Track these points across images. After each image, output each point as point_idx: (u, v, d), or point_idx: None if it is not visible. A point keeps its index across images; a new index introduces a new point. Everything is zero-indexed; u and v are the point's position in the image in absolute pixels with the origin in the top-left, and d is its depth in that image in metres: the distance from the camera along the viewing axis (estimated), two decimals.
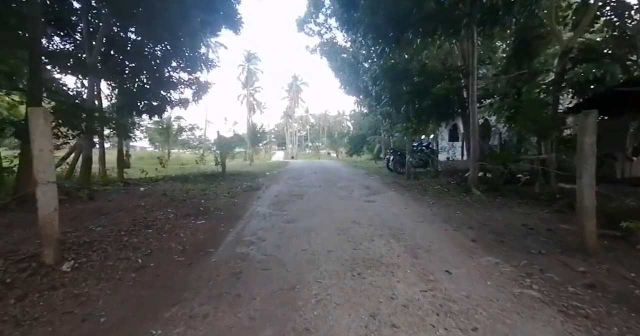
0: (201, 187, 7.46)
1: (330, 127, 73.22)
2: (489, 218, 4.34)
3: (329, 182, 8.89)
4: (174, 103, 10.50)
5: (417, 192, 6.73)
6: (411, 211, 5.03)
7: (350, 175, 10.84)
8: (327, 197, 6.44)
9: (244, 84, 42.91)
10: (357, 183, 8.67)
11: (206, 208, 5.21)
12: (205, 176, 9.57)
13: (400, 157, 10.28)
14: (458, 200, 5.62)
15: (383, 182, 8.77)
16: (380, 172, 11.54)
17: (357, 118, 40.28)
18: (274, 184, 8.63)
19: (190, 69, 10.59)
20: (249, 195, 6.77)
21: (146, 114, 9.77)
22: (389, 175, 10.47)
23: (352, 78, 21.44)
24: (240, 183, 8.56)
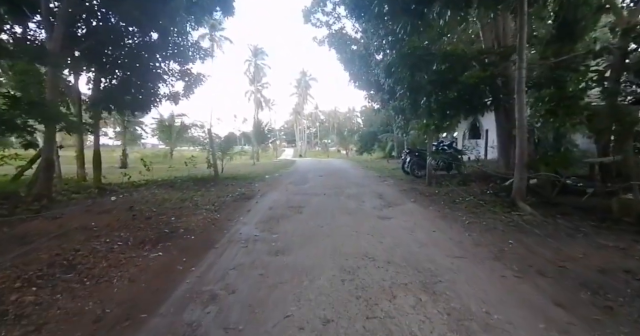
0: (183, 196, 6.31)
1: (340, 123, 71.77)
2: (564, 256, 3.00)
3: (335, 189, 7.63)
4: (162, 97, 9.39)
5: (444, 205, 5.40)
6: (442, 237, 3.73)
7: (361, 179, 9.55)
8: (331, 211, 5.19)
9: (251, 80, 41.84)
10: (369, 189, 7.38)
11: (174, 229, 4.03)
12: (195, 180, 8.44)
13: (418, 158, 8.92)
14: (503, 219, 4.28)
15: (399, 188, 7.45)
16: (394, 175, 10.20)
17: (368, 115, 38.77)
18: (272, 191, 7.42)
19: (181, 59, 9.44)
20: (237, 208, 5.58)
21: (129, 110, 8.67)
22: (405, 179, 9.12)
23: (363, 71, 20.00)
24: (232, 190, 7.39)
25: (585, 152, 9.17)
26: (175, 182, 8.17)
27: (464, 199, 5.58)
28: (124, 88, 8.16)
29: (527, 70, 6.38)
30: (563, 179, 4.62)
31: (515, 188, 4.75)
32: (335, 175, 10.62)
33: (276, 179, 9.72)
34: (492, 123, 14.92)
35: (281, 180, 9.37)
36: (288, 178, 9.84)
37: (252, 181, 8.99)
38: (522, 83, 4.64)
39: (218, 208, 5.47)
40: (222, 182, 8.52)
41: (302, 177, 10.17)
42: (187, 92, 9.92)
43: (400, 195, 6.62)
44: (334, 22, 20.54)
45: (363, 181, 9.03)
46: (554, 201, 4.72)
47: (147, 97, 8.88)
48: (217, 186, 7.94)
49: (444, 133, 13.05)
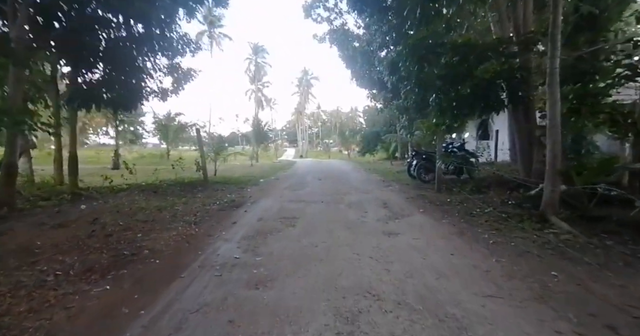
0: (163, 204, 5.62)
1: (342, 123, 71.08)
2: (635, 297, 2.27)
3: (335, 195, 6.92)
4: (149, 94, 8.71)
5: (459, 217, 4.67)
6: (464, 262, 3.00)
7: (363, 184, 8.82)
8: (329, 224, 4.47)
9: (252, 79, 41.22)
10: (372, 196, 6.65)
11: (136, 251, 3.33)
12: (183, 184, 7.75)
13: (426, 161, 8.18)
14: (536, 239, 3.54)
15: (406, 195, 6.72)
16: (399, 179, 9.46)
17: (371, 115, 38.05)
18: (265, 198, 6.72)
19: (169, 53, 8.75)
20: (221, 219, 4.88)
21: (111, 107, 7.99)
22: (412, 184, 8.38)
23: (365, 68, 19.26)
24: (221, 196, 6.69)
25: (604, 154, 8.41)
26: (160, 186, 7.48)
27: (482, 211, 4.84)
28: (104, 84, 7.48)
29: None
30: (602, 188, 3.88)
31: (546, 199, 4.01)
32: (336, 179, 9.90)
33: (272, 183, 9.02)
34: (503, 123, 14.16)
35: (277, 185, 8.67)
36: (285, 182, 9.13)
37: (245, 185, 8.28)
38: (556, 74, 3.90)
39: (199, 219, 4.77)
40: (212, 186, 7.83)
41: (300, 181, 9.46)
42: (176, 89, 9.23)
43: (407, 203, 5.88)
44: (335, 18, 19.80)
45: (365, 186, 8.30)
46: (592, 215, 3.98)
47: (132, 94, 8.18)
48: (206, 191, 7.24)
49: (453, 134, 12.31)
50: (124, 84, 7.98)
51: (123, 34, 7.54)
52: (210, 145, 10.97)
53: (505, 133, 13.30)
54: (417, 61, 6.40)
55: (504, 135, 13.60)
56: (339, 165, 18.04)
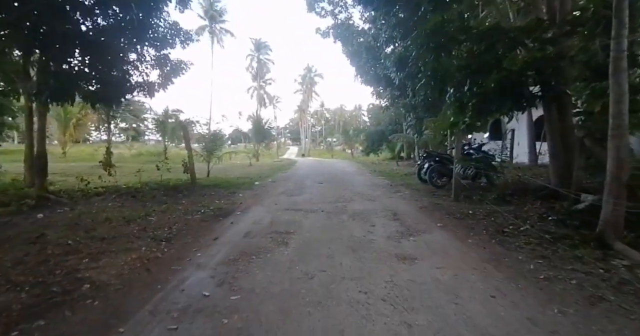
0: (136, 213, 4.81)
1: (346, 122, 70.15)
2: None
3: (337, 203, 6.08)
4: (133, 87, 7.91)
5: (489, 237, 3.80)
6: (514, 315, 2.14)
7: (368, 188, 7.96)
8: (330, 243, 3.64)
9: (254, 76, 40.38)
10: (379, 205, 5.80)
11: (72, 286, 2.52)
12: (168, 188, 6.94)
13: (439, 164, 7.30)
14: (602, 274, 2.67)
15: (419, 203, 5.86)
16: (408, 183, 8.59)
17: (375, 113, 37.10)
18: (257, 205, 5.91)
19: (157, 43, 7.95)
20: (200, 234, 4.07)
21: (89, 102, 7.20)
22: (423, 189, 7.51)
23: (370, 64, 18.34)
24: (208, 203, 5.89)
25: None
26: (141, 190, 6.68)
27: (516, 228, 3.97)
28: (80, 75, 6.69)
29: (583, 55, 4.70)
30: None
31: (607, 218, 3.14)
32: (339, 182, 9.05)
33: (268, 187, 8.19)
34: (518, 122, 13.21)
35: (273, 189, 7.84)
36: (282, 186, 8.30)
37: (237, 189, 7.46)
38: (623, 60, 3.02)
39: (174, 234, 3.96)
40: (201, 190, 7.02)
41: (299, 184, 8.62)
42: (164, 82, 8.42)
43: (422, 215, 5.03)
44: (340, 11, 18.93)
45: (371, 191, 7.44)
46: None
47: (113, 87, 7.38)
48: (192, 196, 6.43)
49: (470, 134, 11.39)
50: (105, 76, 7.18)
51: (100, 19, 6.75)
52: (206, 143, 10.16)
53: (522, 133, 12.38)
54: (433, 50, 5.52)
55: (521, 135, 12.67)
56: (342, 165, 17.18)
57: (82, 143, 34.18)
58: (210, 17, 29.03)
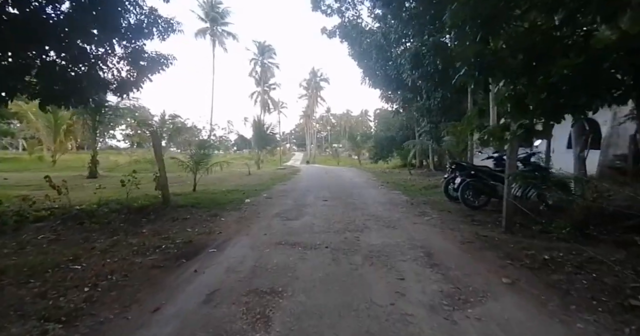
0: (60, 257, 3.39)
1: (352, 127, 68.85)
2: None
3: (347, 231, 4.60)
4: (102, 85, 6.60)
5: (613, 317, 2.27)
6: None
7: (385, 208, 6.43)
8: (337, 324, 2.15)
9: (258, 81, 39.32)
10: (405, 236, 4.29)
11: None
12: (132, 210, 5.51)
13: (476, 179, 5.76)
14: None
15: (458, 235, 4.31)
16: (432, 200, 7.05)
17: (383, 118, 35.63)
18: (240, 235, 4.45)
19: (129, 34, 6.66)
20: (140, 295, 2.62)
21: (44, 102, 5.88)
22: (454, 210, 5.95)
23: (380, 65, 16.94)
24: (176, 232, 4.46)
25: None
26: (98, 212, 5.27)
27: (624, 291, 2.44)
28: (24, 70, 5.39)
29: None
30: None
31: None
32: (347, 198, 7.54)
33: (260, 205, 6.72)
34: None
35: (267, 208, 6.37)
36: (278, 204, 6.82)
37: (221, 209, 6.02)
38: None
39: (92, 301, 2.51)
40: (173, 212, 5.58)
41: (299, 201, 7.14)
42: (138, 79, 7.10)
43: (470, 257, 3.50)
44: (347, 8, 17.67)
45: (389, 212, 5.92)
46: None
47: (73, 85, 6.08)
48: (159, 221, 5.01)
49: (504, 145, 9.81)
50: (60, 71, 5.88)
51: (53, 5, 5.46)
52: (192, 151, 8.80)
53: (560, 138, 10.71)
54: (479, 28, 4.05)
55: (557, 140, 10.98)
56: (350, 175, 15.65)
57: (79, 150, 33.30)
58: (212, 19, 28.08)
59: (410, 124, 19.13)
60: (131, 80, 6.98)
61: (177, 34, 7.40)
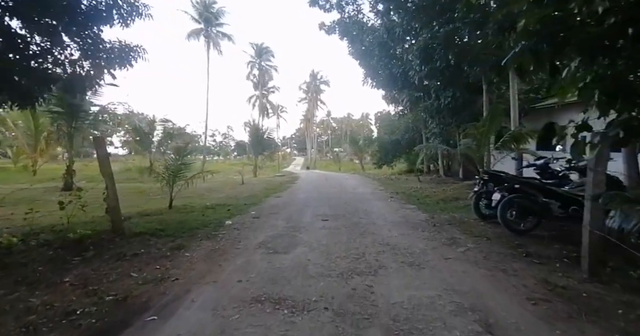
0: None
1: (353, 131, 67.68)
2: None
3: (354, 274, 3.26)
4: (45, 82, 5.31)
5: None
6: None
7: (402, 233, 5.06)
8: None
9: (256, 84, 38.16)
10: (438, 286, 2.93)
11: None
12: (68, 242, 4.16)
13: (521, 195, 4.41)
14: None
15: (519, 285, 2.93)
16: (460, 219, 5.69)
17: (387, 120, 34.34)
18: (204, 285, 3.12)
19: (82, 18, 5.40)
20: None
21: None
22: (495, 235, 4.58)
23: (383, 63, 15.63)
24: (110, 282, 3.13)
25: None
26: (19, 246, 3.94)
27: None
28: None
29: None
30: None
31: None
32: (352, 216, 6.18)
33: (244, 229, 5.36)
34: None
35: (249, 234, 5.01)
36: (266, 227, 5.46)
37: (192, 236, 4.67)
38: None
39: None
40: (122, 245, 4.22)
41: (293, 222, 5.78)
42: (96, 75, 5.83)
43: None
44: (347, 3, 16.47)
45: (407, 239, 4.55)
46: None
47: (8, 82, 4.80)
48: (96, 260, 3.67)
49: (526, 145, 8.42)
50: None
51: None
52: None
53: None
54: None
55: None
56: (353, 183, 14.27)
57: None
58: (206, 20, 26.97)
59: (416, 126, 17.81)
60: (86, 76, 5.71)
61: (144, 19, 6.16)
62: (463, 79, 12.70)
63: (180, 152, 7.32)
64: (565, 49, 2.94)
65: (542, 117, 11.64)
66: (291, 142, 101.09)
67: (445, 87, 13.14)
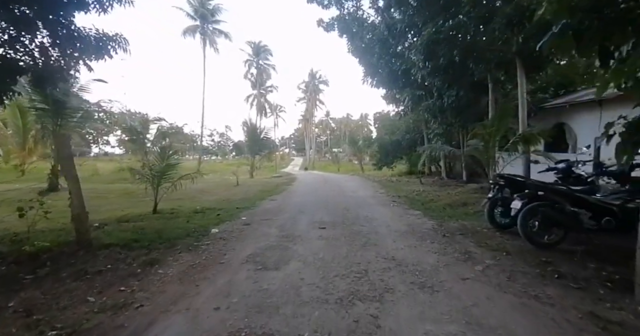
0: None
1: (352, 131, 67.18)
2: None
3: (356, 299, 2.71)
4: (10, 73, 4.75)
5: None
6: None
7: (410, 245, 4.50)
8: None
9: (254, 83, 37.54)
10: (460, 319, 2.39)
11: None
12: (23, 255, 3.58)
13: (545, 203, 3.87)
14: None
15: (559, 316, 2.39)
16: (470, 227, 5.15)
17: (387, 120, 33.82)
18: (175, 311, 2.56)
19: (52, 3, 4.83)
20: None
21: None
22: (511, 247, 4.04)
23: (384, 61, 15.09)
24: (55, 314, 2.56)
25: None
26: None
27: None
28: None
29: None
30: None
31: None
32: (351, 225, 5.62)
33: (231, 240, 4.80)
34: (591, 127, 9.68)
35: (236, 245, 4.44)
36: (256, 236, 4.90)
37: (170, 248, 4.11)
38: None
39: None
40: (88, 257, 3.66)
41: (286, 231, 5.22)
42: (69, 66, 5.26)
43: None
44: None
45: (418, 254, 3.99)
46: None
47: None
48: (50, 279, 3.10)
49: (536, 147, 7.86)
50: None
51: None
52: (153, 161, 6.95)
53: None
54: None
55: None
56: (353, 186, 13.71)
57: None
58: (202, 16, 26.38)
59: (418, 127, 17.29)
60: (58, 67, 5.13)
61: (124, 5, 5.59)
62: (467, 77, 12.20)
63: (164, 151, 6.73)
64: (617, 29, 2.39)
65: (550, 117, 11.13)
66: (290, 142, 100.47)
67: (449, 85, 12.63)
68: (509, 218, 4.64)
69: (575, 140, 10.17)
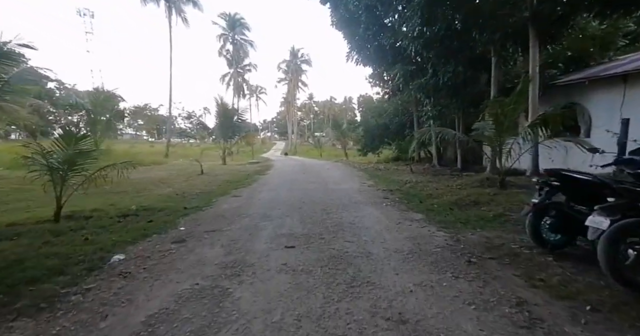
0: None
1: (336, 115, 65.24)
2: None
3: None
4: None
5: None
6: None
7: (421, 284, 2.93)
8: None
9: (230, 61, 34.48)
10: None
11: None
12: None
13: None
14: None
15: None
16: (493, 240, 3.66)
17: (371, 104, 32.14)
18: None
19: None
20: None
21: None
22: (586, 288, 2.56)
23: (372, 32, 13.23)
24: None
25: None
26: None
27: None
28: None
29: None
30: None
31: None
32: (331, 240, 3.99)
33: (139, 274, 3.07)
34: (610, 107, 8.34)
35: (141, 291, 2.72)
36: (185, 265, 3.19)
37: (6, 305, 2.37)
38: None
39: None
40: None
41: (235, 254, 3.53)
42: None
43: None
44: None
45: (441, 307, 2.42)
46: None
47: None
48: None
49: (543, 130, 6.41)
50: None
51: None
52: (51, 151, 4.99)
53: None
54: None
55: None
56: (337, 175, 12.06)
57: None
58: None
59: (407, 109, 15.72)
60: None
61: None
62: (467, 51, 10.62)
63: (71, 135, 4.79)
64: None
65: (559, 97, 9.77)
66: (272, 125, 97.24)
67: (446, 60, 10.99)
68: (561, 234, 3.16)
69: (590, 123, 8.88)
